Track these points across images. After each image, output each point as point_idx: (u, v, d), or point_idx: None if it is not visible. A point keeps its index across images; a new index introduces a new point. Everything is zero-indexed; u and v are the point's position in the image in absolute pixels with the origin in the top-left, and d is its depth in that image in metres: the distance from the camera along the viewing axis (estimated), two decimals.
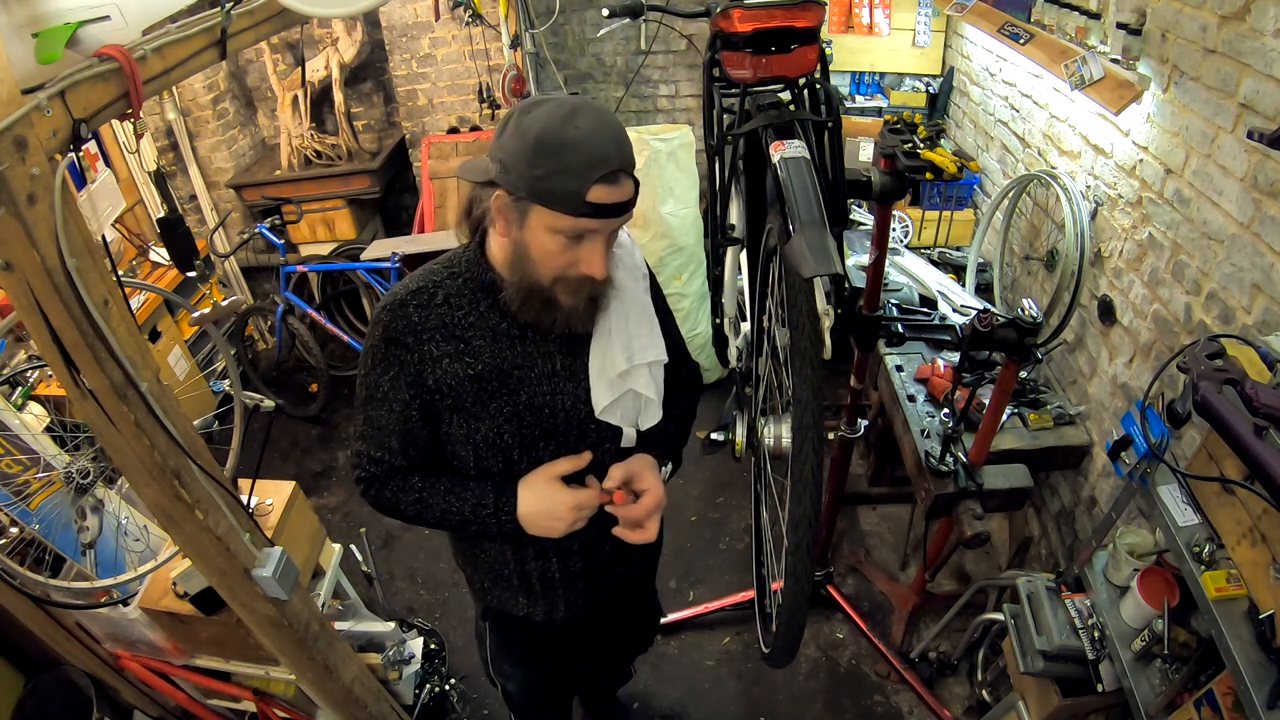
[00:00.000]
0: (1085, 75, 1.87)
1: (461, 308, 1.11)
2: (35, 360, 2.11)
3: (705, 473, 3.07)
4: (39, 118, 0.79)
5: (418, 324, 1.09)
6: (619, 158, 0.96)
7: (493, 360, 1.11)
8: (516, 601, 1.35)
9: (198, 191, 3.83)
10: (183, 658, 1.94)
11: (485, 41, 3.45)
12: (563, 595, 1.33)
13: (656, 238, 3.10)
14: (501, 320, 1.11)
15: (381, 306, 1.11)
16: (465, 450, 1.16)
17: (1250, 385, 1.08)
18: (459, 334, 1.10)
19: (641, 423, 1.20)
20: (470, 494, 1.16)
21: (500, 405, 1.12)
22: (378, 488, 1.19)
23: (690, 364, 1.40)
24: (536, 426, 1.15)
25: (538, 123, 0.94)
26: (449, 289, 1.11)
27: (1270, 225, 1.42)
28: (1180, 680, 1.32)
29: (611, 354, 1.14)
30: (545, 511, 1.13)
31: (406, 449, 1.16)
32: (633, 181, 1.00)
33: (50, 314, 0.86)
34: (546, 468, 1.15)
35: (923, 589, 2.29)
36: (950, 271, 2.72)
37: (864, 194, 1.61)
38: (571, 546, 1.27)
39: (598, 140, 0.94)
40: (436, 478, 1.18)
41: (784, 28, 1.19)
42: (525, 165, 0.94)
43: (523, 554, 1.28)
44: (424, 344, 1.09)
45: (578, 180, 0.93)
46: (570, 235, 0.98)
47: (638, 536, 1.19)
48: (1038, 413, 2.12)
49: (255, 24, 1.10)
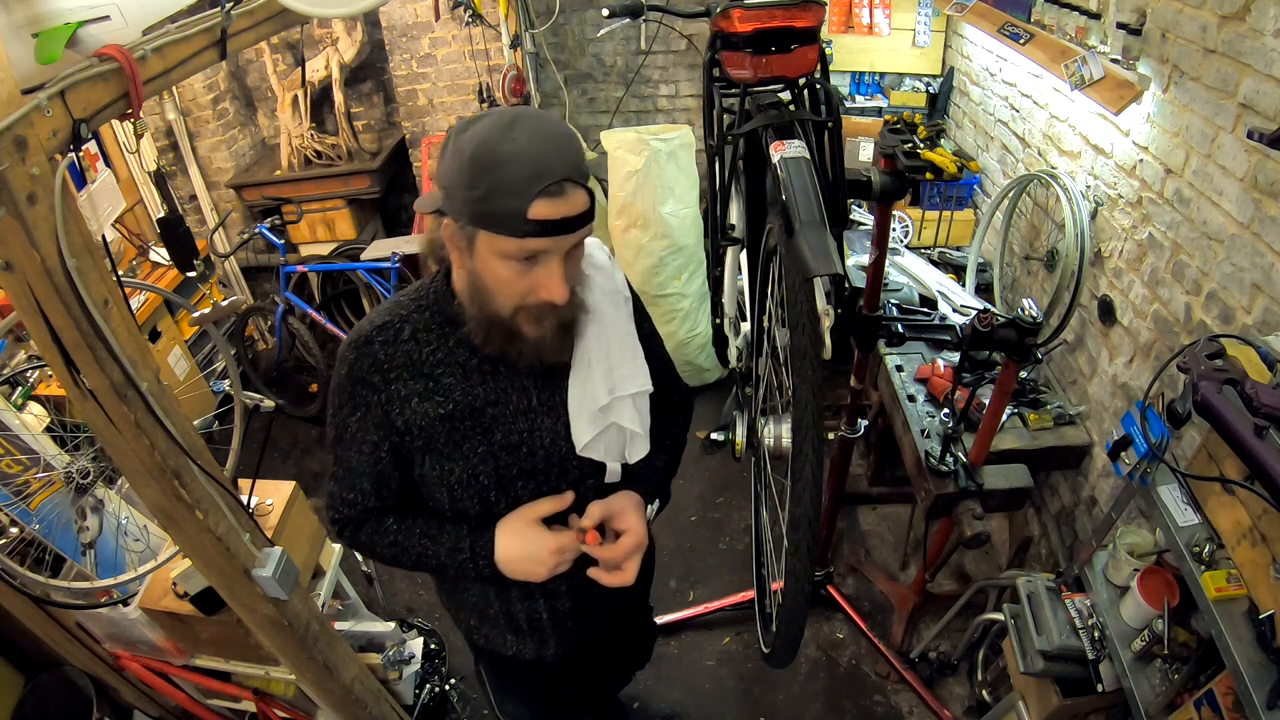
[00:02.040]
0: (1085, 75, 1.87)
1: (429, 343, 1.04)
2: (35, 360, 2.11)
3: (705, 473, 3.07)
4: (39, 118, 0.79)
5: (384, 362, 1.03)
6: (564, 167, 0.86)
7: (464, 398, 1.04)
8: (504, 640, 1.30)
9: (198, 191, 3.83)
10: (183, 658, 1.94)
11: (485, 41, 3.45)
12: (552, 634, 1.28)
13: (656, 238, 3.10)
14: (472, 355, 1.04)
15: (347, 344, 1.05)
16: (439, 492, 1.10)
17: (1250, 385, 1.08)
18: (427, 371, 1.04)
19: (629, 457, 1.14)
20: (447, 537, 1.10)
21: (474, 445, 1.06)
22: (352, 529, 1.15)
23: (681, 389, 1.34)
24: (514, 465, 1.08)
25: (473, 140, 0.87)
26: (416, 323, 1.04)
27: (1270, 225, 1.42)
28: (1180, 680, 1.32)
29: (592, 386, 1.07)
30: (525, 555, 1.07)
31: (379, 490, 1.11)
32: (584, 192, 0.90)
33: (50, 314, 0.86)
34: (526, 509, 1.09)
35: (923, 589, 2.29)
36: (950, 271, 2.72)
37: (864, 194, 1.61)
38: (558, 587, 1.21)
39: (537, 151, 0.85)
40: (412, 519, 1.12)
41: (784, 28, 1.19)
42: (464, 188, 0.87)
43: (507, 595, 1.22)
44: (391, 383, 1.03)
45: (517, 197, 0.85)
46: (521, 259, 0.90)
47: (614, 579, 1.11)
48: (1038, 413, 2.12)
49: (255, 24, 1.10)
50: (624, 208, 3.10)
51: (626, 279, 1.19)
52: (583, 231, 0.92)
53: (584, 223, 0.91)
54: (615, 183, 3.12)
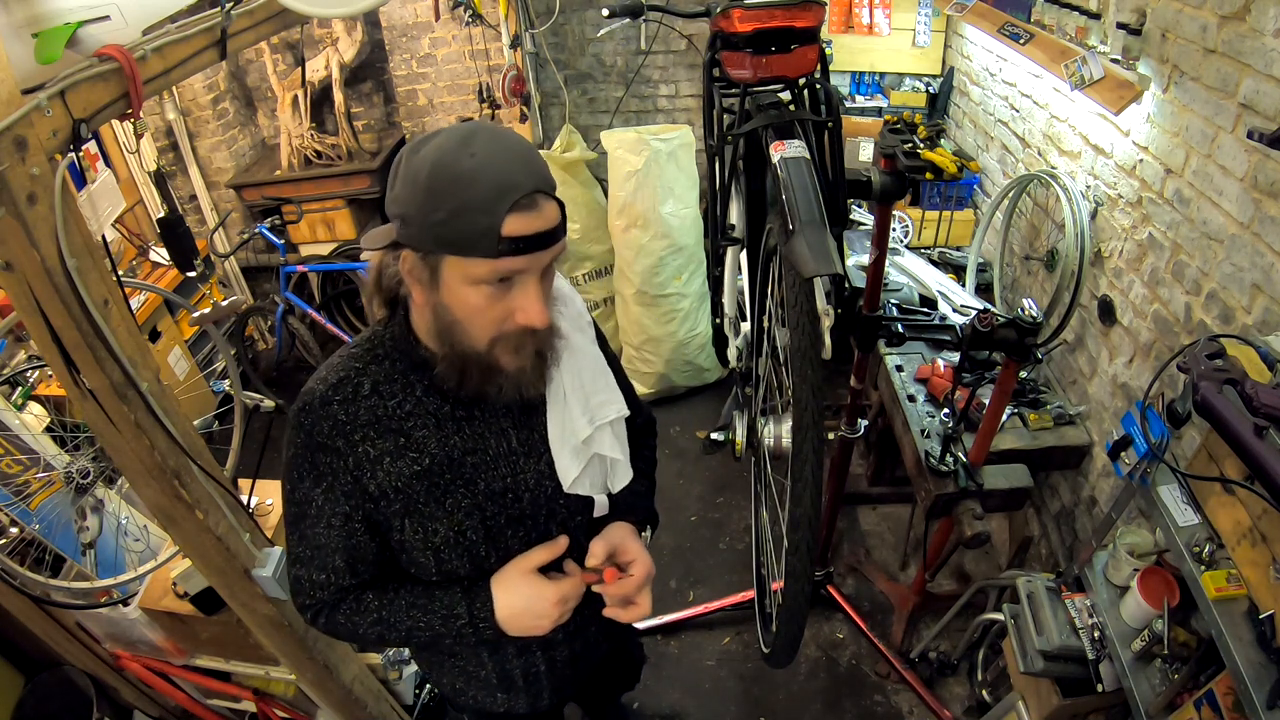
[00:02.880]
0: (1085, 75, 1.87)
1: (394, 395, 0.94)
2: (35, 360, 2.11)
3: (705, 473, 3.07)
4: (39, 118, 0.79)
5: (346, 423, 0.93)
6: (532, 179, 0.81)
7: (440, 450, 0.96)
8: (494, 698, 1.22)
9: (198, 191, 3.83)
10: (183, 658, 1.94)
11: (485, 41, 3.45)
12: (548, 685, 1.22)
13: (656, 238, 3.10)
14: (443, 403, 0.96)
15: (298, 409, 0.94)
16: (424, 556, 1.01)
17: (1250, 385, 1.08)
18: (396, 426, 0.94)
19: (612, 485, 1.09)
20: (438, 605, 1.00)
21: (458, 499, 0.98)
22: (328, 613, 1.03)
23: (645, 412, 1.28)
24: (501, 514, 1.01)
25: (428, 160, 0.80)
26: (375, 375, 0.94)
27: (1270, 225, 1.42)
28: (1180, 680, 1.32)
29: (571, 419, 1.01)
30: (526, 610, 0.99)
31: (354, 566, 1.00)
32: (555, 204, 0.84)
33: (50, 314, 0.86)
34: (520, 561, 1.01)
35: (923, 589, 2.29)
36: (950, 271, 2.72)
37: (864, 194, 1.62)
38: (556, 637, 1.13)
39: (501, 164, 0.79)
40: (394, 591, 1.02)
41: (784, 28, 1.19)
42: (423, 212, 0.80)
43: (502, 654, 1.16)
44: (357, 445, 0.93)
45: (487, 215, 0.78)
46: (494, 283, 0.83)
47: (631, 614, 1.06)
48: (1038, 413, 2.12)
49: (255, 24, 1.11)
50: (624, 208, 3.10)
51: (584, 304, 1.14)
52: (558, 247, 0.85)
53: (559, 236, 0.85)
54: (615, 183, 3.12)
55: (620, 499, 1.12)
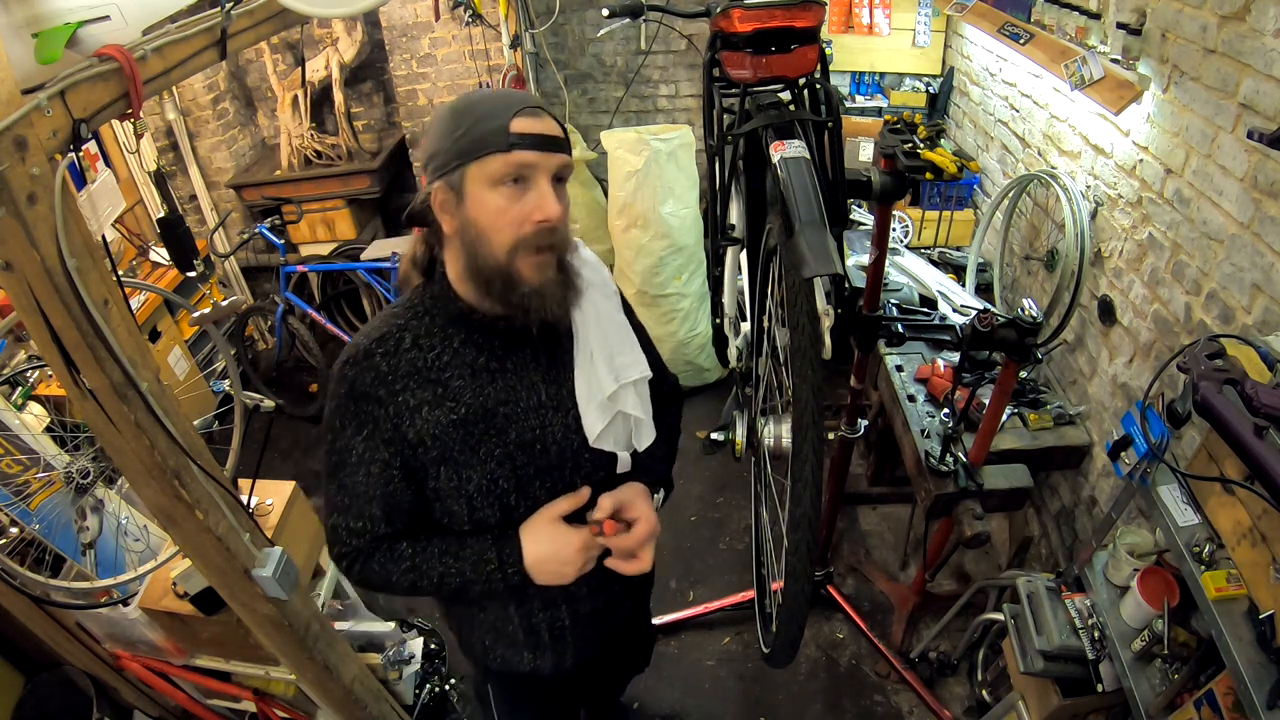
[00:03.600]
0: (1085, 75, 1.87)
1: (434, 348, 1.02)
2: (35, 360, 2.11)
3: (705, 473, 3.07)
4: (39, 118, 0.79)
5: (388, 373, 1.00)
6: (537, 101, 0.97)
7: (475, 400, 1.03)
8: (522, 657, 1.26)
9: (198, 191, 3.83)
10: (183, 658, 1.94)
11: (485, 41, 3.45)
12: (572, 643, 1.26)
13: (656, 238, 3.10)
14: (479, 355, 1.04)
15: (343, 361, 1.02)
16: (457, 504, 1.07)
17: (1250, 385, 1.08)
18: (434, 377, 1.02)
19: (638, 443, 1.15)
20: (469, 551, 1.06)
21: (490, 448, 1.04)
22: (363, 561, 1.08)
23: (670, 378, 1.34)
24: (530, 465, 1.07)
25: (448, 104, 0.98)
26: (416, 330, 1.03)
27: (1270, 225, 1.42)
28: (1180, 680, 1.32)
29: (597, 376, 1.08)
30: (553, 556, 1.06)
31: (390, 515, 1.06)
32: (558, 124, 0.98)
33: (50, 314, 0.86)
34: (546, 509, 1.08)
35: (923, 589, 2.29)
36: (950, 271, 2.72)
37: (864, 194, 1.61)
38: (579, 590, 1.18)
39: (507, 93, 0.97)
40: (427, 540, 1.08)
41: (784, 28, 1.19)
42: (447, 138, 0.94)
43: (529, 607, 1.20)
44: (398, 394, 1.00)
45: (497, 119, 0.92)
46: (510, 181, 0.93)
47: (631, 567, 1.12)
48: (1038, 413, 2.12)
49: (255, 24, 1.10)
50: (624, 208, 3.10)
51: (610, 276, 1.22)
52: (564, 157, 0.97)
53: (563, 148, 0.97)
54: (615, 183, 3.12)
55: (639, 460, 1.18)
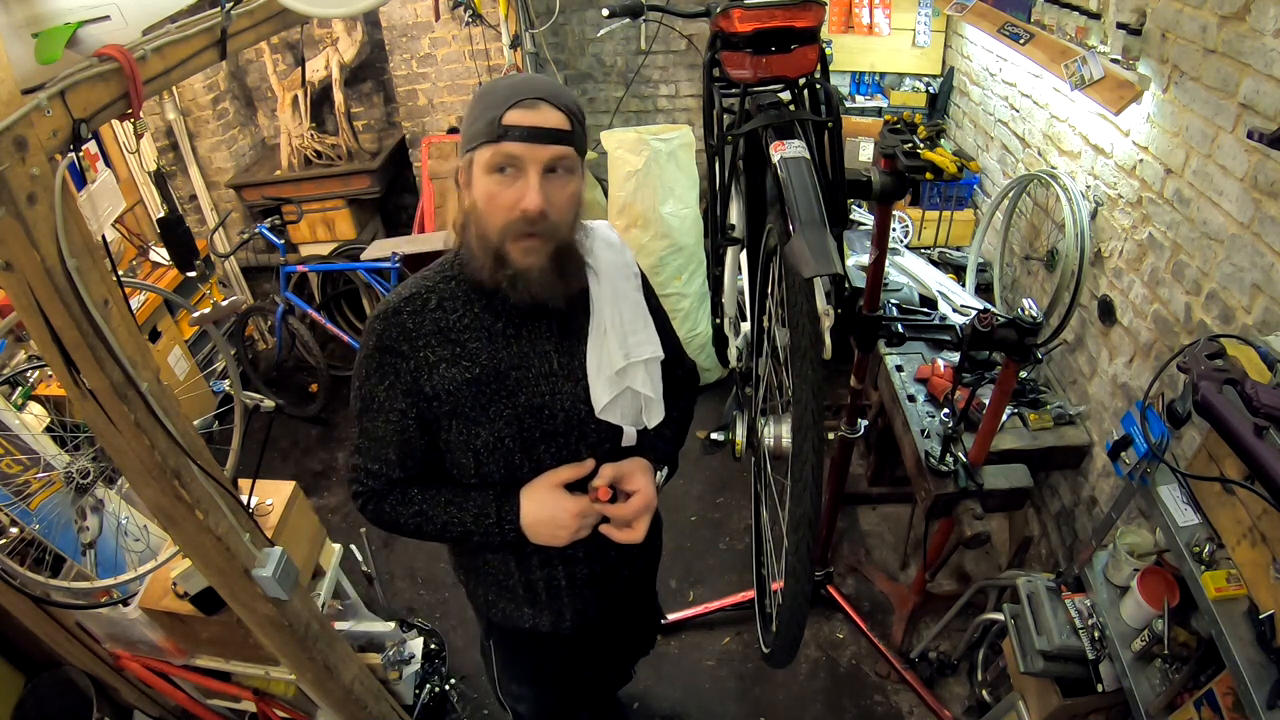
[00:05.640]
0: (1085, 75, 1.87)
1: (455, 310, 1.10)
2: (35, 360, 2.11)
3: (705, 473, 3.07)
4: (39, 118, 0.79)
5: (412, 330, 1.08)
6: (545, 90, 0.98)
7: (490, 362, 1.10)
8: (521, 613, 1.33)
9: (198, 191, 3.83)
10: (183, 658, 1.94)
11: (485, 41, 3.45)
12: (569, 603, 1.31)
13: (656, 238, 3.10)
14: (496, 320, 1.10)
15: (375, 315, 1.11)
16: (465, 457, 1.14)
17: (1250, 385, 1.08)
18: (454, 337, 1.09)
19: (648, 421, 1.19)
20: (472, 504, 1.14)
21: (500, 408, 1.11)
22: (376, 502, 1.17)
23: (686, 362, 1.38)
24: (537, 429, 1.13)
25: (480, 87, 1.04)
26: (442, 293, 1.10)
27: (1270, 225, 1.42)
28: (1180, 680, 1.32)
29: (608, 351, 1.13)
30: (549, 520, 1.12)
31: (404, 460, 1.14)
32: (561, 114, 0.98)
33: (50, 314, 0.86)
34: (549, 475, 1.14)
35: (923, 589, 2.29)
36: (950, 271, 2.72)
37: (864, 194, 1.61)
38: (576, 553, 1.25)
39: (526, 80, 1.00)
40: (436, 489, 1.16)
41: (784, 28, 1.19)
42: (467, 121, 1.01)
43: (527, 563, 1.26)
44: (419, 350, 1.08)
45: (494, 110, 0.96)
46: (501, 169, 0.98)
47: (625, 536, 1.17)
48: (1038, 413, 2.12)
49: (255, 24, 1.10)
50: (624, 208, 3.10)
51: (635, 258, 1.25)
52: (558, 149, 0.98)
53: (557, 138, 0.98)
54: (615, 183, 3.12)
55: (645, 437, 1.22)
